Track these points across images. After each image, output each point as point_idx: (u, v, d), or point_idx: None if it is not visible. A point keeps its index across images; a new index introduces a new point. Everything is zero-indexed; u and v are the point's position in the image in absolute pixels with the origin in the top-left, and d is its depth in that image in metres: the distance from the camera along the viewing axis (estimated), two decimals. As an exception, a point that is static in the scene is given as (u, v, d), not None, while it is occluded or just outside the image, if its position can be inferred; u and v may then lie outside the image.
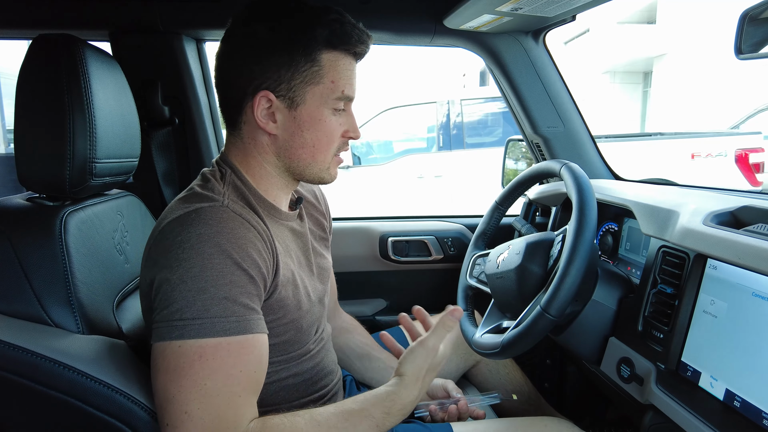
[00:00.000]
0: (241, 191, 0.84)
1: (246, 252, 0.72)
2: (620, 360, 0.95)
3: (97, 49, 0.92)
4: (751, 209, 0.85)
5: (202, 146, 1.41)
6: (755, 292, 0.73)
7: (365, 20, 0.87)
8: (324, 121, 0.83)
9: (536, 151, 1.56)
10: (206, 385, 0.66)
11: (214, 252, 0.70)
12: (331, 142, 0.85)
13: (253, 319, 0.72)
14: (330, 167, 0.89)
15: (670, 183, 2.09)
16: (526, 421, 1.02)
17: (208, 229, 0.71)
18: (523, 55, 1.39)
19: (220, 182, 0.83)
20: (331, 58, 0.81)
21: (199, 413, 0.65)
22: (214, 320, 0.68)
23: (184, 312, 0.68)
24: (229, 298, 0.69)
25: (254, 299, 0.73)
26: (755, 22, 0.82)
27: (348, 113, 0.87)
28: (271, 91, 0.80)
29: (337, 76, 0.82)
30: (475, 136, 4.55)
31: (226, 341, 0.68)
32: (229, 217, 0.74)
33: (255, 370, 0.71)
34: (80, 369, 0.72)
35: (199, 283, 0.68)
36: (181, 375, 0.66)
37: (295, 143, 0.83)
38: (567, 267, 0.86)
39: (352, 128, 0.88)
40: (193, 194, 0.80)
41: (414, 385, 0.78)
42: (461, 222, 1.74)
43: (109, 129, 0.91)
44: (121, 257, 0.98)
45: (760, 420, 0.69)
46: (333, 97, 0.82)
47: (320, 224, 1.07)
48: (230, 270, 0.70)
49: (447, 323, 0.80)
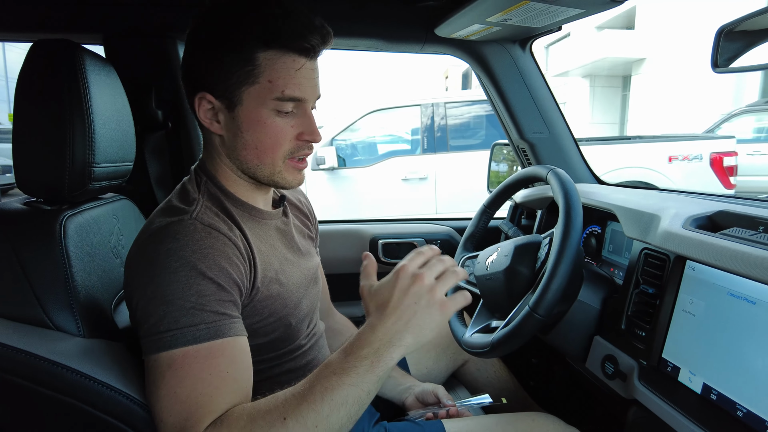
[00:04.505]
0: (217, 198, 0.85)
1: (213, 261, 0.74)
2: (605, 357, 0.99)
3: (94, 54, 0.93)
4: (727, 214, 0.90)
5: (194, 150, 1.42)
6: (731, 292, 0.78)
7: (356, 27, 0.88)
8: (264, 122, 0.80)
9: (522, 156, 1.60)
10: (176, 393, 0.68)
11: (179, 266, 0.72)
12: (277, 144, 0.82)
13: (225, 324, 0.73)
14: (283, 171, 0.85)
15: (650, 186, 2.15)
16: (514, 417, 1.05)
17: (175, 244, 0.73)
18: (511, 63, 1.43)
19: (195, 190, 0.85)
20: (268, 56, 0.76)
21: (170, 419, 0.68)
22: (184, 330, 0.70)
23: (157, 326, 0.70)
24: (197, 307, 0.71)
25: (227, 305, 0.75)
26: (730, 37, 0.87)
27: (302, 114, 0.82)
28: (209, 92, 0.79)
29: (275, 76, 0.77)
30: (458, 139, 4.61)
31: (194, 349, 0.70)
32: (196, 229, 0.76)
33: (228, 370, 0.71)
34: (83, 371, 0.73)
35: (167, 296, 0.71)
36: (156, 386, 0.69)
37: (238, 144, 0.82)
38: (554, 268, 0.89)
39: (308, 131, 0.83)
40: (169, 207, 0.82)
41: (372, 321, 0.72)
42: (449, 225, 1.78)
43: (107, 134, 0.92)
44: (117, 260, 0.99)
45: (734, 411, 0.74)
46: (272, 98, 0.78)
47: (306, 225, 1.08)
48: (196, 281, 0.72)
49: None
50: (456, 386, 1.37)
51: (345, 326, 1.27)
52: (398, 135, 4.90)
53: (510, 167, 2.17)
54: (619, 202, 1.11)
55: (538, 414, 1.07)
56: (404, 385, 1.19)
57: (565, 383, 1.55)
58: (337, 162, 4.43)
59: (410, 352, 0.72)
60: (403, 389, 1.18)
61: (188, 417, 0.68)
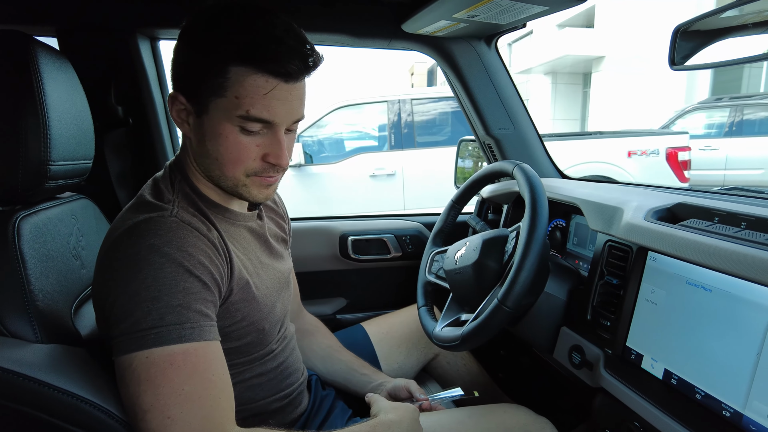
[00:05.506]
0: (191, 198, 0.83)
1: (196, 259, 0.73)
2: (571, 348, 1.02)
3: (48, 47, 0.89)
4: (686, 206, 0.93)
5: (157, 147, 1.37)
6: (689, 281, 0.81)
7: (325, 22, 0.87)
8: (226, 137, 0.76)
9: (488, 151, 1.63)
10: (184, 390, 0.67)
11: (165, 261, 0.70)
12: (239, 161, 0.78)
13: (207, 326, 0.72)
14: (248, 185, 0.81)
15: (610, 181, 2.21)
16: (486, 409, 1.07)
17: (158, 240, 0.71)
18: (477, 59, 1.45)
19: (169, 189, 0.83)
20: (240, 72, 0.72)
21: (183, 416, 0.66)
22: (169, 328, 0.68)
23: (141, 323, 0.68)
24: (183, 305, 0.70)
25: (209, 306, 0.74)
26: (685, 36, 0.90)
27: (271, 136, 0.78)
28: (182, 93, 0.78)
29: (243, 93, 0.73)
30: (425, 135, 4.63)
31: (192, 347, 0.69)
32: (178, 226, 0.74)
33: (223, 373, 0.72)
34: (42, 379, 0.69)
35: (152, 292, 0.68)
36: (156, 384, 0.66)
37: (201, 151, 0.80)
38: (522, 261, 0.90)
39: (274, 154, 0.79)
40: (143, 203, 0.79)
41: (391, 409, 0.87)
42: (419, 220, 1.79)
43: (64, 130, 0.88)
44: (77, 262, 0.95)
45: (693, 394, 0.77)
46: (236, 114, 0.74)
47: (281, 227, 1.07)
48: (183, 278, 0.70)
49: None
50: (427, 380, 1.38)
51: (315, 327, 1.26)
52: (365, 131, 4.88)
53: (475, 163, 2.19)
54: (584, 196, 1.14)
55: (509, 405, 1.09)
56: (376, 381, 1.19)
57: (533, 374, 1.58)
58: (304, 159, 4.38)
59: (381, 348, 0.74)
60: (375, 386, 1.18)
61: (206, 417, 0.67)
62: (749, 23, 0.83)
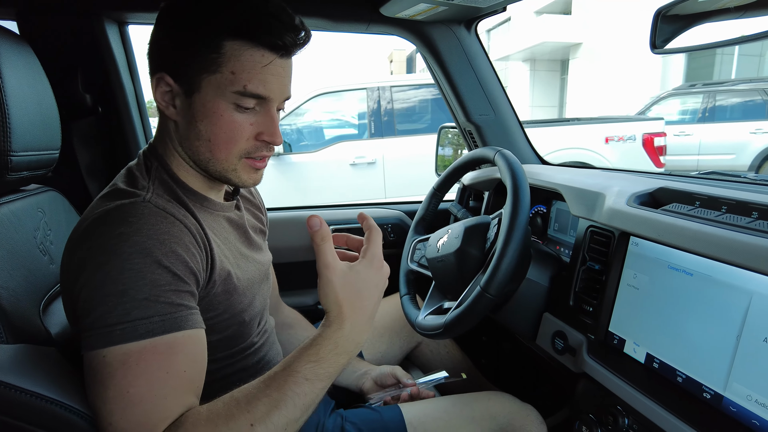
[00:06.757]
0: (168, 185, 0.80)
1: (169, 248, 0.69)
2: (554, 334, 1.02)
3: (6, 31, 0.84)
4: (667, 190, 0.94)
5: (128, 136, 1.33)
6: (671, 265, 0.81)
7: (300, 5, 0.84)
8: (221, 115, 0.75)
9: (469, 138, 1.61)
10: (129, 393, 0.63)
11: (133, 252, 0.66)
12: (232, 140, 0.77)
13: (182, 315, 0.68)
14: (238, 169, 0.80)
15: (588, 166, 2.23)
16: (471, 396, 1.07)
17: (128, 228, 0.67)
18: (456, 44, 1.43)
19: (145, 176, 0.79)
20: (235, 47, 0.72)
21: (121, 423, 0.62)
22: (135, 323, 0.64)
23: (105, 318, 0.64)
24: (150, 298, 0.66)
25: (184, 296, 0.70)
26: (667, 20, 0.89)
27: (264, 113, 0.78)
28: (168, 73, 0.75)
29: (239, 68, 0.72)
30: (405, 123, 4.61)
31: (151, 343, 0.65)
32: (151, 213, 0.70)
33: (186, 369, 0.67)
34: (7, 381, 0.66)
35: (118, 286, 0.65)
36: (104, 386, 0.63)
37: (191, 133, 0.77)
38: (504, 248, 0.89)
39: (268, 132, 0.78)
40: (115, 190, 0.75)
41: (341, 317, 0.70)
42: (400, 209, 1.77)
43: (26, 119, 0.84)
44: (45, 258, 0.91)
45: (674, 377, 0.77)
46: (232, 91, 0.73)
47: (258, 218, 1.05)
48: (150, 269, 0.66)
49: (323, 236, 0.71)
50: (410, 368, 1.38)
51: (295, 320, 1.24)
52: (345, 119, 4.83)
53: (455, 150, 2.18)
54: (565, 182, 1.14)
55: (494, 393, 1.09)
56: (360, 370, 1.18)
57: (516, 360, 1.60)
58: (283, 147, 4.32)
59: None
60: (359, 375, 1.17)
61: (141, 422, 0.63)
62: (730, 6, 0.83)
